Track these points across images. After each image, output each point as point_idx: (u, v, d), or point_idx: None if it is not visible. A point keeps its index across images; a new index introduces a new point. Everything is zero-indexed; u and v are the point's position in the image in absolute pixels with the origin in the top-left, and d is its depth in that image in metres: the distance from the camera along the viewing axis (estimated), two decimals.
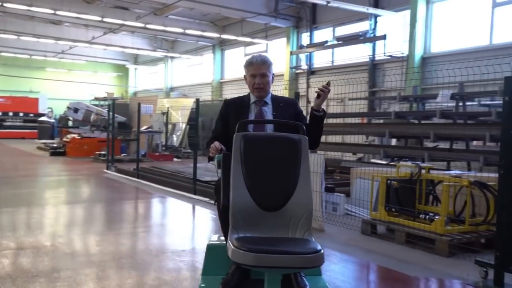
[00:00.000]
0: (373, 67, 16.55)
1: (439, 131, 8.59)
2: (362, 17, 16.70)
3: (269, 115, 3.20)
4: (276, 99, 3.27)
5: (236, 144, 2.76)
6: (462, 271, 4.41)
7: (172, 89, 30.61)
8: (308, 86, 19.28)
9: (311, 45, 18.76)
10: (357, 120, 13.23)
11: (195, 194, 8.41)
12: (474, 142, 9.45)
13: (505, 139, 4.04)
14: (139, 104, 12.25)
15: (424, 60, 14.84)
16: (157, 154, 16.25)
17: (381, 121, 13.25)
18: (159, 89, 31.06)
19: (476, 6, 13.60)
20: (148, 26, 20.70)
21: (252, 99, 3.25)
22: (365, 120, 14.20)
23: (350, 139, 12.39)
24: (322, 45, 18.05)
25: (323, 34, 18.82)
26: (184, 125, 19.52)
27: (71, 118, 21.67)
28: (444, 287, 4.28)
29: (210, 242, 3.22)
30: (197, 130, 11.20)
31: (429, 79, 14.30)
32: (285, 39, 20.14)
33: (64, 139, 18.36)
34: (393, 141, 11.73)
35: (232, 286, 2.77)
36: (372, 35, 16.39)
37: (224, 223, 2.83)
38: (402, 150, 9.26)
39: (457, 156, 8.11)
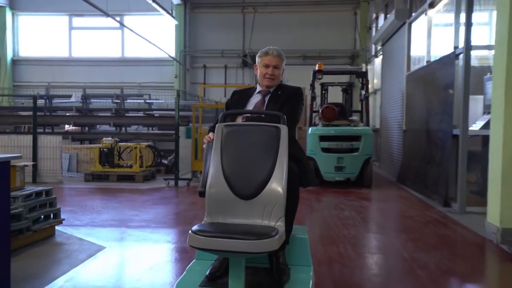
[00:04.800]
0: None
1: (77, 120, 12.99)
2: None
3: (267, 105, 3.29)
4: (280, 89, 3.34)
5: (218, 134, 2.87)
6: (159, 184, 9.53)
7: None
8: None
9: None
10: None
11: None
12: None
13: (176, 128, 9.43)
14: None
15: (14, 61, 17.90)
16: None
17: None
18: None
19: (57, 25, 17.99)
20: None
21: (258, 89, 3.37)
22: None
23: None
24: None
25: None
26: None
27: None
28: (156, 189, 9.20)
29: None
30: None
31: (20, 77, 17.70)
32: None
33: None
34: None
35: (218, 275, 2.81)
36: None
37: None
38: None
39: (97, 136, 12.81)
